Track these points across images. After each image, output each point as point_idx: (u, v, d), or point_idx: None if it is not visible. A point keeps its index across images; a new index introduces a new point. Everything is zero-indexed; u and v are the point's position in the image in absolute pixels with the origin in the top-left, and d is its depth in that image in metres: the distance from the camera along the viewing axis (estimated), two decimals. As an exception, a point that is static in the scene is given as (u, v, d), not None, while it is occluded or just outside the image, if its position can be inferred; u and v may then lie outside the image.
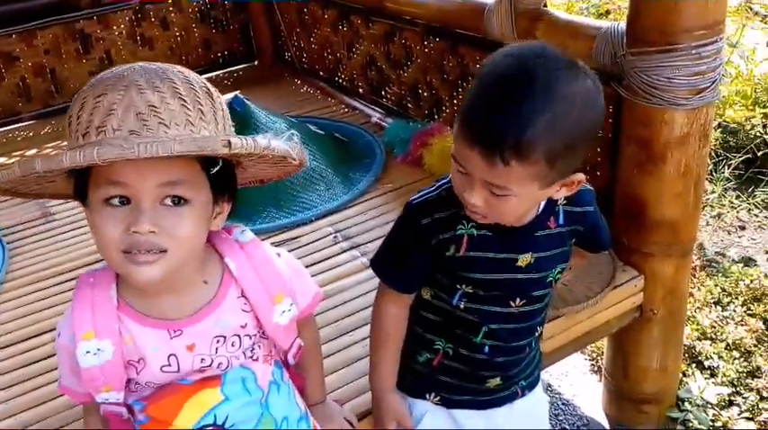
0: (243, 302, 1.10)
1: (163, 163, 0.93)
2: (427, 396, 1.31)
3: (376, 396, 1.33)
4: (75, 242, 2.26)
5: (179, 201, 0.96)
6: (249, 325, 1.12)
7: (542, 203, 1.14)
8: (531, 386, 1.35)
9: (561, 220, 1.17)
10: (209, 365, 1.09)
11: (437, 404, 1.31)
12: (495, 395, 1.31)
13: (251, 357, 1.15)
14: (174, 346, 1.06)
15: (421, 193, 1.19)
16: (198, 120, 0.96)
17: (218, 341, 1.09)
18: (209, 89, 1.02)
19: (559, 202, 1.16)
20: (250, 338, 1.12)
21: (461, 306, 1.20)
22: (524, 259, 1.16)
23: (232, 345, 1.11)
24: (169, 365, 1.07)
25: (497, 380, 1.28)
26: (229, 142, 0.92)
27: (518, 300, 1.19)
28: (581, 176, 1.06)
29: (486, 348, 1.23)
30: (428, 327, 1.27)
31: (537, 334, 1.29)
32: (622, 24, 1.67)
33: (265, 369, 1.17)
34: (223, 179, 1.03)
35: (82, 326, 1.04)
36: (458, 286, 1.19)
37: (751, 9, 3.76)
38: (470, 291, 1.18)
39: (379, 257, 1.25)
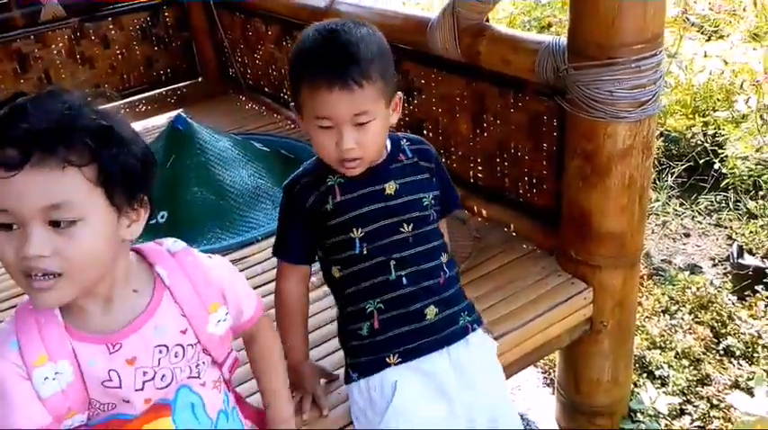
0: (178, 308, 1.08)
1: (43, 184, 0.89)
2: (387, 360, 1.34)
3: (292, 367, 1.41)
4: None
5: (67, 222, 0.92)
6: (189, 330, 1.09)
7: (389, 143, 1.38)
8: (477, 322, 1.43)
9: (409, 154, 1.40)
10: (152, 379, 1.05)
11: (398, 364, 1.34)
12: (447, 330, 1.37)
13: (197, 376, 1.11)
14: (114, 361, 1.03)
15: (291, 176, 1.41)
16: None
17: (160, 351, 1.06)
18: None
19: (403, 143, 1.41)
20: (193, 348, 1.09)
21: (364, 251, 1.34)
22: (390, 187, 1.35)
23: (175, 356, 1.08)
24: (110, 380, 1.03)
25: (433, 309, 1.36)
26: None
27: (405, 225, 1.35)
28: (399, 93, 1.34)
29: (404, 279, 1.35)
30: (354, 298, 1.37)
31: (443, 260, 1.40)
32: (564, 39, 1.68)
33: (215, 396, 1.15)
34: (126, 186, 0.98)
35: (32, 352, 0.98)
36: (351, 234, 1.34)
37: (688, 20, 3.87)
38: (362, 233, 1.34)
39: (277, 242, 1.43)
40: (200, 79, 3.63)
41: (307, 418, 1.43)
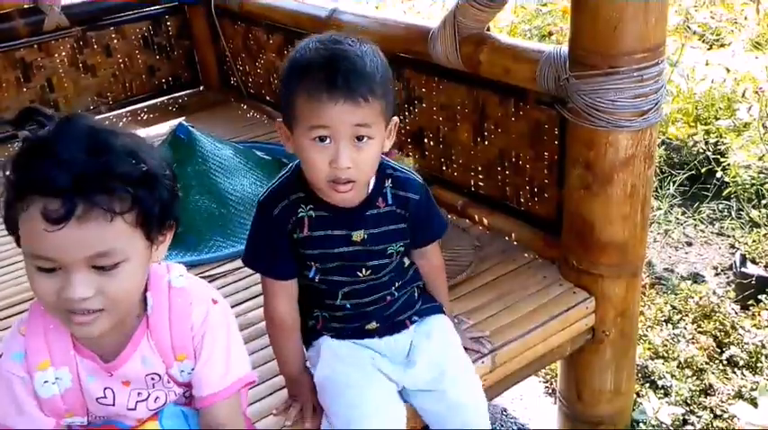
0: (153, 340, 1.08)
1: (89, 236, 0.89)
2: (324, 334, 1.44)
3: (289, 378, 1.46)
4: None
5: (111, 266, 0.93)
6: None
7: (372, 182, 1.32)
8: (426, 313, 1.47)
9: (390, 200, 1.35)
10: (146, 400, 1.08)
11: (332, 337, 1.43)
12: (383, 332, 1.43)
13: (185, 394, 1.13)
14: (111, 381, 1.05)
15: (266, 189, 1.35)
16: None
17: (152, 378, 1.08)
18: None
19: (386, 184, 1.34)
20: (189, 373, 1.10)
21: (317, 279, 1.37)
22: (358, 235, 1.32)
23: (168, 382, 1.09)
24: (105, 397, 1.05)
25: (374, 324, 1.42)
26: None
27: (363, 270, 1.35)
28: (395, 119, 1.30)
29: (348, 305, 1.39)
30: (305, 302, 1.43)
31: (395, 287, 1.41)
32: (565, 48, 1.68)
33: None
34: (161, 219, 0.99)
35: (37, 355, 1.01)
36: (308, 263, 1.35)
37: (689, 29, 3.88)
38: (319, 266, 1.35)
39: (249, 254, 1.39)
40: (201, 88, 3.63)
41: (309, 426, 1.42)
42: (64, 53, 3.28)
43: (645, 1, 1.47)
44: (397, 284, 1.43)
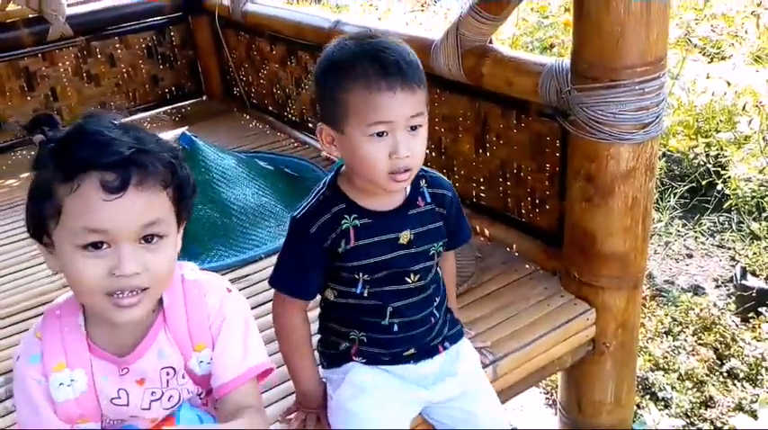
0: (171, 333, 1.09)
1: (144, 204, 0.94)
2: (354, 360, 1.39)
3: (302, 390, 1.43)
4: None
5: (157, 238, 0.97)
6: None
7: (408, 188, 1.32)
8: (454, 339, 1.45)
9: (428, 199, 1.36)
10: (159, 399, 1.08)
11: (363, 363, 1.39)
12: (419, 358, 1.40)
13: (199, 394, 1.13)
14: (124, 381, 1.06)
15: (300, 207, 1.32)
16: None
17: (167, 373, 1.09)
18: None
19: (422, 184, 1.35)
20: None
21: (365, 293, 1.32)
22: (405, 236, 1.31)
23: (183, 377, 1.10)
24: (119, 398, 1.06)
25: (412, 351, 1.39)
26: None
27: (412, 275, 1.34)
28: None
29: (395, 327, 1.35)
30: (341, 323, 1.39)
31: (435, 304, 1.40)
32: (566, 61, 1.69)
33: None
34: (188, 203, 1.04)
35: (53, 357, 1.03)
36: (356, 276, 1.31)
37: (690, 42, 3.90)
38: (368, 278, 1.31)
39: (280, 274, 1.34)
40: (204, 98, 3.66)
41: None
42: (68, 62, 3.31)
43: (646, 15, 1.48)
44: (437, 301, 1.41)
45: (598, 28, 1.52)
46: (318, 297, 1.43)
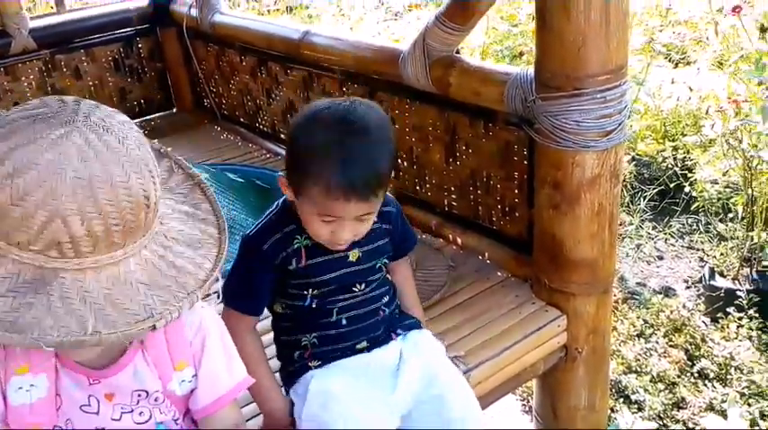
0: (148, 355, 1.07)
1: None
2: (310, 365, 1.40)
3: (271, 412, 1.42)
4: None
5: None
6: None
7: None
8: (407, 328, 1.48)
9: (375, 218, 1.36)
10: (131, 412, 1.06)
11: (318, 367, 1.40)
12: (371, 347, 1.43)
13: (175, 420, 1.11)
14: (94, 390, 1.04)
15: (253, 227, 1.37)
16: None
17: (139, 395, 1.07)
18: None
19: None
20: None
21: (313, 305, 1.37)
22: (354, 254, 1.37)
23: (155, 400, 1.08)
24: (89, 405, 1.04)
25: (364, 343, 1.42)
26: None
27: (358, 285, 1.39)
28: None
29: (343, 321, 1.40)
30: (291, 331, 1.42)
31: (384, 301, 1.45)
32: (531, 70, 1.71)
33: None
34: None
35: (15, 359, 0.99)
36: (305, 292, 1.36)
37: (654, 49, 3.97)
38: (316, 292, 1.36)
39: (230, 292, 1.35)
40: (174, 110, 3.62)
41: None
42: (32, 76, 3.25)
43: (606, 25, 1.51)
44: (385, 299, 1.45)
45: (560, 38, 1.54)
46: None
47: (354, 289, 1.39)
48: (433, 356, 1.47)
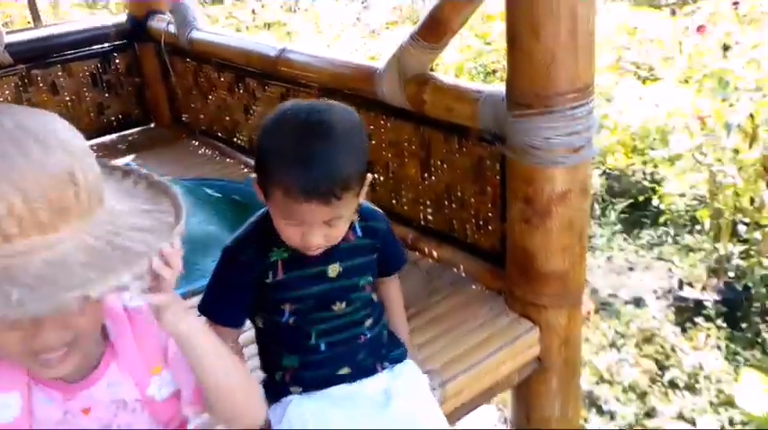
0: (122, 364, 1.06)
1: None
2: (291, 390, 1.38)
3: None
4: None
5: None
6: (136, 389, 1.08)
7: None
8: (394, 361, 1.45)
9: (359, 233, 1.37)
10: (108, 426, 1.05)
11: (300, 394, 1.38)
12: (354, 377, 1.40)
13: None
14: (69, 406, 1.02)
15: (233, 236, 1.35)
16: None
17: (117, 406, 1.06)
18: None
19: (355, 220, 1.36)
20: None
21: (290, 322, 1.34)
22: (333, 269, 1.33)
23: (133, 411, 1.07)
24: (65, 422, 1.02)
25: (346, 369, 1.39)
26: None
27: (338, 303, 1.35)
28: (369, 176, 1.28)
29: (322, 346, 1.36)
30: (272, 348, 1.41)
31: (367, 324, 1.41)
32: (503, 88, 1.76)
33: None
34: None
35: None
36: (282, 307, 1.33)
37: (622, 67, 4.07)
38: (294, 308, 1.33)
39: (208, 303, 1.34)
40: (152, 125, 3.62)
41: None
42: (7, 92, 3.23)
43: (574, 44, 1.56)
44: (368, 323, 1.42)
45: (529, 57, 1.59)
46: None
47: (334, 307, 1.35)
48: (419, 395, 1.46)
